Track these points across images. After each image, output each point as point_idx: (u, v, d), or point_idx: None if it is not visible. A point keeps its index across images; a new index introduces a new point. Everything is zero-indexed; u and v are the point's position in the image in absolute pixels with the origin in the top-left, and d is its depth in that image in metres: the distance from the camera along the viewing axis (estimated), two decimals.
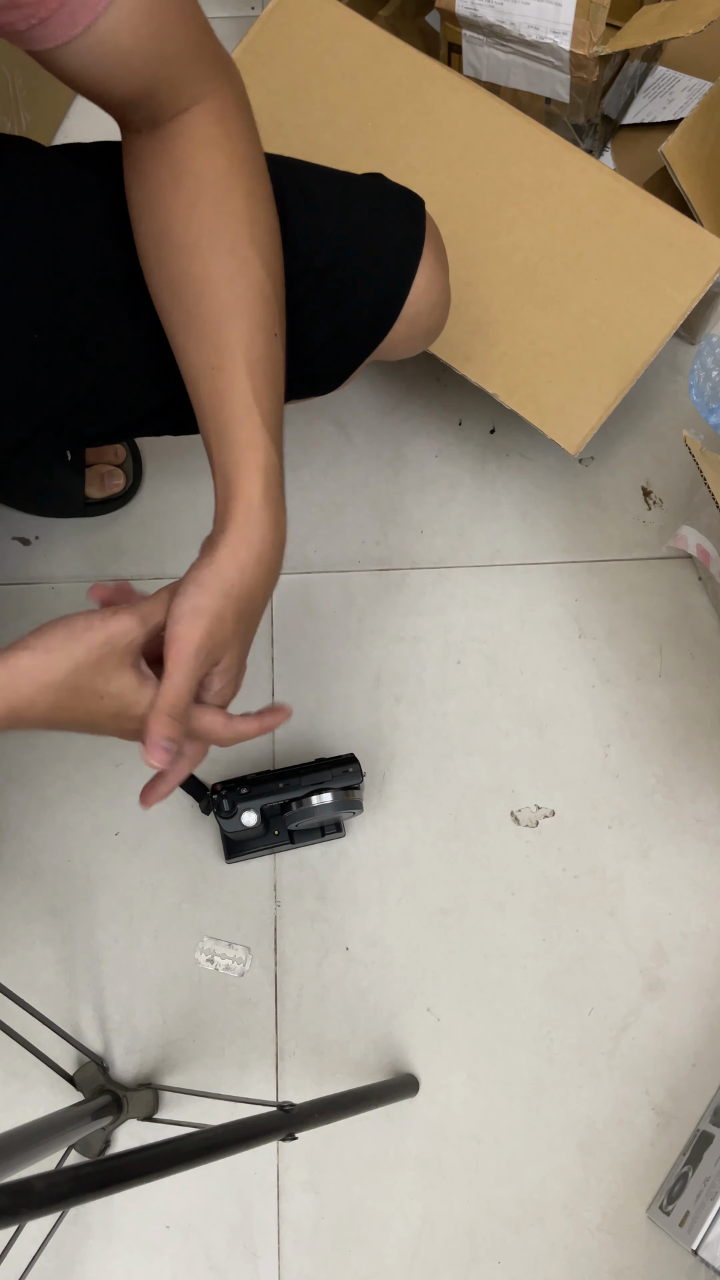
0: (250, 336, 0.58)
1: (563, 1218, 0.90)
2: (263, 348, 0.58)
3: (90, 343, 0.67)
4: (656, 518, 1.09)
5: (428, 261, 0.72)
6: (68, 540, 1.09)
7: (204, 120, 0.58)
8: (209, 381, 0.58)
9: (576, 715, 1.02)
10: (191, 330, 0.59)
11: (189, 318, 0.59)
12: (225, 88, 0.59)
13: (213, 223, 0.58)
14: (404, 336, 0.76)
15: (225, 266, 0.58)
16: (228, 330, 0.58)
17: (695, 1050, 0.93)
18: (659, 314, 0.91)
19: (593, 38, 0.94)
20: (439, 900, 0.97)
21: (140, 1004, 0.95)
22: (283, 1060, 0.94)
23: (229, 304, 0.58)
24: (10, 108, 1.13)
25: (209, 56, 0.58)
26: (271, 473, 0.58)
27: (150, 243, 0.60)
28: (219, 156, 0.58)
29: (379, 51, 0.97)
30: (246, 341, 0.58)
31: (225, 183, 0.58)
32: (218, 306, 0.58)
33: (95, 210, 0.65)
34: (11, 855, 0.99)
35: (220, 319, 0.58)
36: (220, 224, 0.58)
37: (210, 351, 0.58)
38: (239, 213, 0.58)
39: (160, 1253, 0.90)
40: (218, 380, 0.58)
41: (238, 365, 0.57)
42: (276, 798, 0.92)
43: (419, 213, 0.73)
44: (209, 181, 0.58)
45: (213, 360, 0.58)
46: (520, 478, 1.10)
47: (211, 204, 0.58)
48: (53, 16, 0.49)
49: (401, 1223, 0.90)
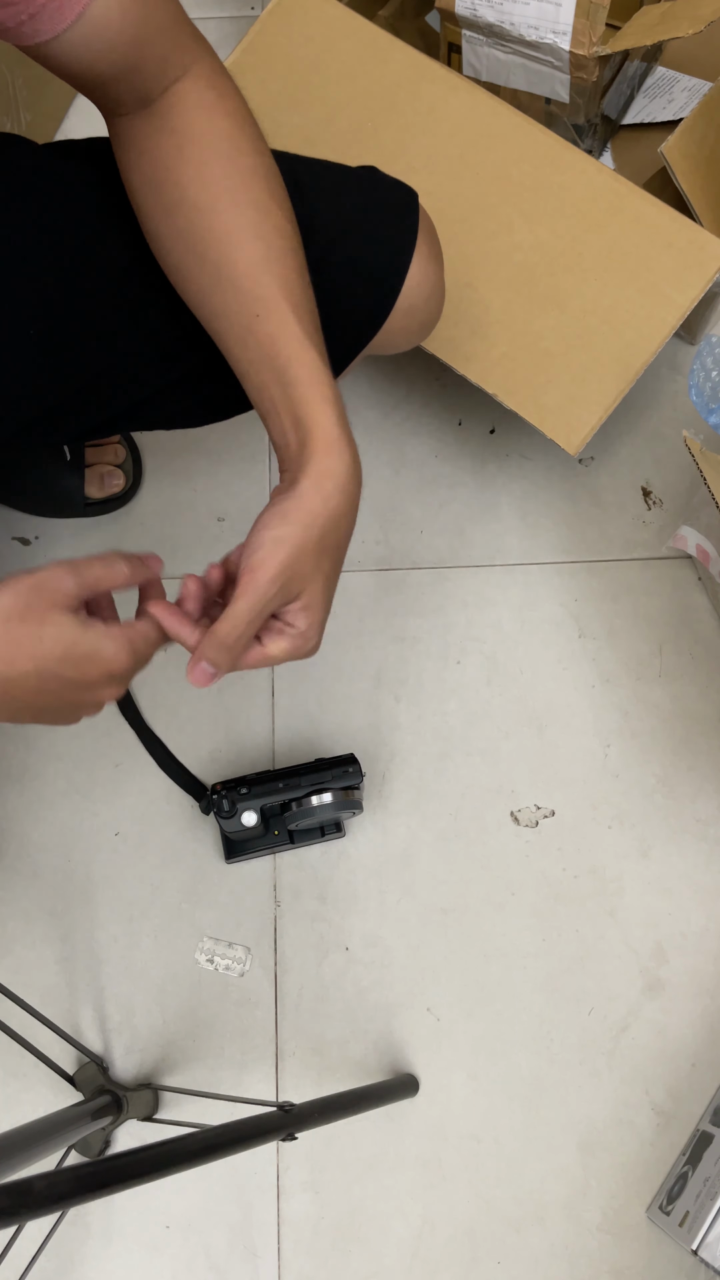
0: (288, 281, 0.57)
1: (563, 1218, 0.90)
2: (301, 291, 0.58)
3: (86, 337, 0.68)
4: (656, 518, 1.09)
5: (422, 254, 0.72)
6: (68, 540, 1.09)
7: (196, 87, 0.59)
8: (257, 330, 0.57)
9: (576, 715, 1.02)
10: (225, 287, 0.58)
11: (219, 276, 0.58)
12: (207, 55, 0.60)
13: (228, 180, 0.58)
14: (399, 329, 0.75)
15: (250, 219, 0.57)
16: (265, 278, 0.57)
17: (695, 1050, 0.93)
18: (659, 314, 0.91)
19: (593, 38, 0.94)
20: (439, 900, 0.97)
21: (140, 1004, 0.95)
22: (283, 1060, 0.94)
23: (260, 253, 0.57)
24: (10, 108, 1.13)
25: (187, 27, 0.58)
26: (340, 405, 0.57)
27: (163, 215, 0.60)
28: (220, 117, 0.59)
29: (379, 51, 0.97)
30: (287, 286, 0.57)
31: (232, 141, 0.58)
32: (249, 257, 0.57)
33: (90, 205, 0.66)
34: (11, 855, 0.99)
35: (254, 269, 0.57)
36: (236, 180, 0.58)
37: (252, 301, 0.57)
38: (254, 167, 0.58)
39: (160, 1253, 0.90)
40: (267, 325, 0.57)
41: (284, 309, 0.57)
42: (276, 798, 0.92)
43: (412, 205, 0.73)
44: (216, 141, 0.58)
45: (256, 309, 0.57)
46: (520, 478, 1.10)
47: (224, 162, 0.58)
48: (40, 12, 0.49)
49: (401, 1223, 0.90)
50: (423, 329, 0.79)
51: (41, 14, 0.49)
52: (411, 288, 0.73)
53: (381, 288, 0.72)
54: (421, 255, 0.72)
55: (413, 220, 0.73)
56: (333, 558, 0.57)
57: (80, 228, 0.66)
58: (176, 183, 0.58)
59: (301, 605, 0.56)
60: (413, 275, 0.72)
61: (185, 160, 0.58)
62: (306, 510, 0.54)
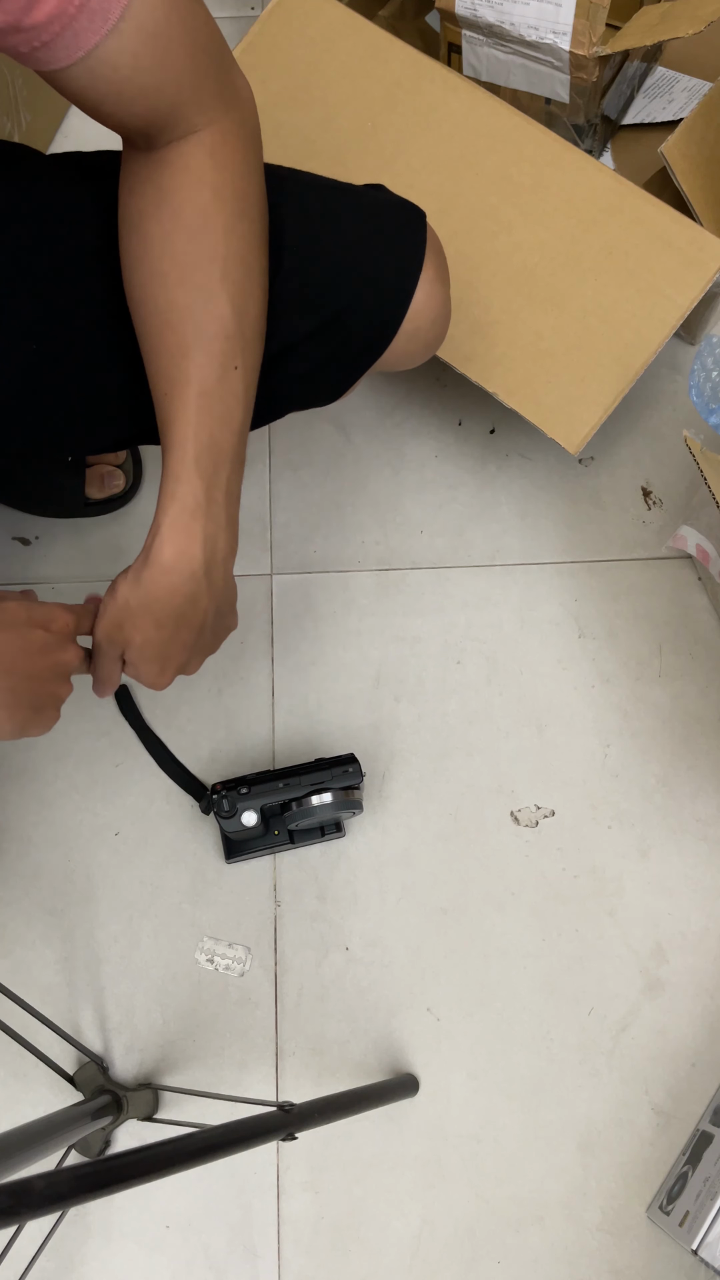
0: (204, 370, 0.59)
1: (562, 1217, 0.90)
2: (216, 381, 0.60)
3: (91, 356, 0.67)
4: (656, 518, 1.09)
5: (428, 275, 0.72)
6: (68, 540, 1.09)
7: (196, 151, 0.58)
8: (161, 409, 0.61)
9: (576, 715, 1.02)
10: (154, 358, 0.61)
11: (153, 346, 0.61)
12: (227, 119, 0.59)
13: (185, 256, 0.59)
14: (403, 350, 0.75)
15: (190, 300, 0.59)
16: (184, 363, 0.60)
17: (695, 1050, 0.93)
18: (659, 314, 0.91)
19: (592, 38, 0.94)
20: (439, 900, 0.97)
21: (140, 1004, 0.95)
22: (282, 1060, 0.94)
23: (189, 337, 0.59)
24: (10, 108, 1.13)
25: (214, 87, 0.58)
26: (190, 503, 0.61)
27: (129, 263, 0.61)
28: (204, 191, 0.59)
29: (379, 51, 0.97)
30: (199, 375, 0.59)
31: (204, 217, 0.59)
32: (177, 339, 0.59)
33: (91, 224, 0.65)
34: (11, 855, 0.99)
35: (179, 351, 0.60)
36: (192, 258, 0.59)
37: (165, 381, 0.60)
38: (214, 248, 0.59)
39: (160, 1253, 0.90)
40: (166, 410, 0.61)
41: (186, 399, 0.60)
42: (276, 798, 0.92)
43: (419, 225, 0.73)
44: (188, 215, 0.59)
45: (165, 389, 0.60)
46: (520, 478, 1.10)
47: (186, 237, 0.59)
48: (55, 40, 0.49)
49: (401, 1223, 0.90)
50: (427, 349, 0.78)
51: (54, 43, 0.49)
52: (418, 309, 0.72)
53: (388, 310, 0.72)
54: (428, 277, 0.72)
55: (420, 241, 0.72)
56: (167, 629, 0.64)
57: (80, 246, 0.65)
58: (145, 238, 0.60)
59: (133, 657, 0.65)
60: (419, 296, 0.72)
61: (158, 220, 0.59)
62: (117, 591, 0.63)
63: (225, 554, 0.64)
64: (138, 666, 0.66)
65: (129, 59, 0.52)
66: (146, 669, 0.66)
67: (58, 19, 0.48)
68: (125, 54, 0.51)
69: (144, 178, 0.60)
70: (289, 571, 1.07)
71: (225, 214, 0.59)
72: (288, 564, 1.08)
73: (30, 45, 0.49)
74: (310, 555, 1.08)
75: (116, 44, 0.51)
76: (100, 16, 0.49)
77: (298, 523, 1.09)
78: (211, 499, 0.61)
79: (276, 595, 1.07)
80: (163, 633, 0.64)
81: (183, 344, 0.59)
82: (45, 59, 0.50)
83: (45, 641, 0.60)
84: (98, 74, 0.52)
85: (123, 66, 0.52)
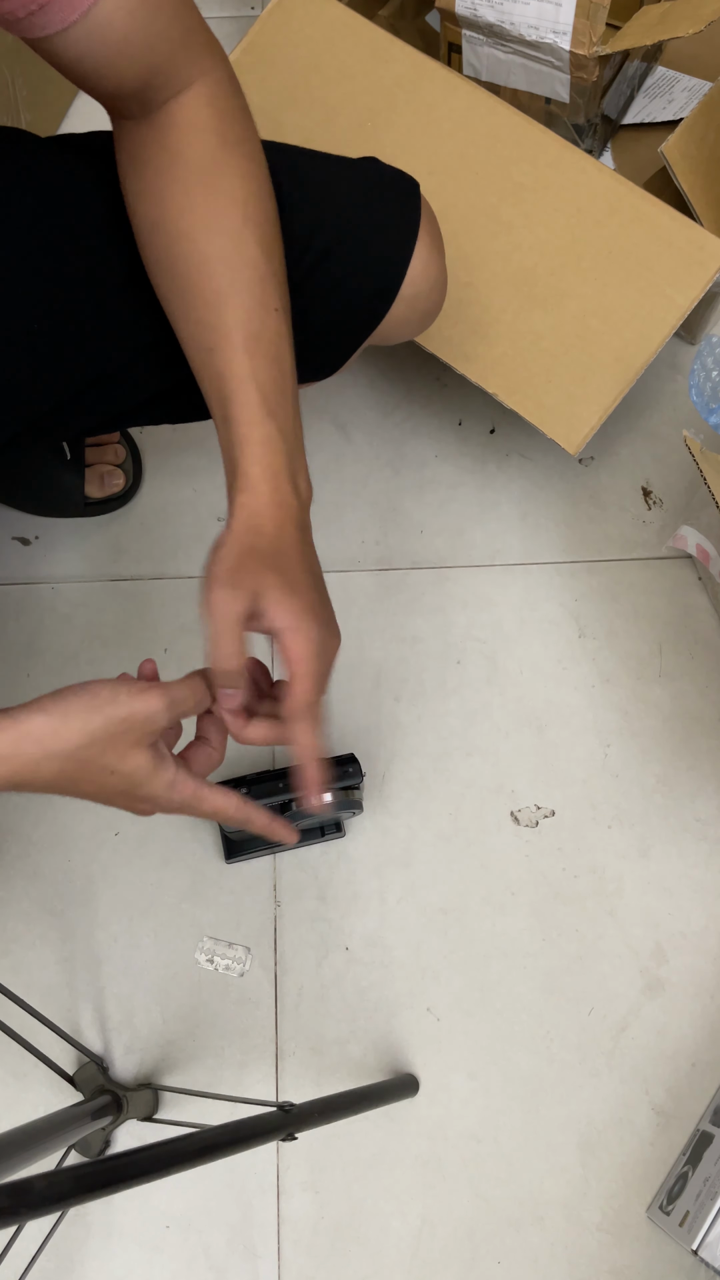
0: (247, 314, 0.58)
1: (562, 1217, 0.90)
2: (260, 323, 0.58)
3: (88, 335, 0.67)
4: (656, 518, 1.09)
5: (424, 242, 0.73)
6: (68, 540, 1.09)
7: (196, 104, 0.58)
8: (210, 364, 0.58)
9: (576, 715, 1.02)
10: (191, 315, 0.59)
11: (187, 303, 0.59)
12: (217, 69, 0.59)
13: (206, 206, 0.58)
14: (401, 319, 0.76)
15: (220, 248, 0.58)
16: (225, 311, 0.58)
17: (695, 1050, 0.93)
18: (659, 314, 0.91)
19: (593, 38, 0.94)
20: (439, 900, 0.97)
21: (140, 1004, 0.95)
22: (282, 1060, 0.94)
23: (225, 285, 0.58)
24: (10, 108, 1.13)
25: (200, 38, 0.58)
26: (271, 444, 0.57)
27: (148, 229, 0.60)
28: (211, 139, 0.58)
29: (379, 51, 0.97)
30: (244, 319, 0.58)
31: (218, 165, 0.58)
32: (214, 288, 0.58)
33: (93, 202, 0.66)
34: (11, 855, 0.99)
35: (217, 300, 0.58)
36: (214, 207, 0.58)
37: (208, 333, 0.58)
38: (233, 193, 0.58)
39: (160, 1252, 0.90)
40: (216, 361, 0.58)
41: (235, 344, 0.57)
42: (276, 798, 0.92)
43: (414, 194, 0.73)
44: (202, 166, 0.58)
45: (210, 341, 0.58)
46: (520, 478, 1.10)
47: (204, 188, 0.58)
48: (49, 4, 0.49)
49: (401, 1223, 0.90)
50: (424, 319, 0.79)
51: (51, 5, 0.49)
52: (414, 277, 0.73)
53: (385, 277, 0.72)
54: (424, 245, 0.73)
55: (415, 209, 0.73)
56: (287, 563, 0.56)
57: (82, 224, 0.66)
58: (162, 199, 0.59)
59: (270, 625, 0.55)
60: (415, 264, 0.72)
61: (173, 179, 0.58)
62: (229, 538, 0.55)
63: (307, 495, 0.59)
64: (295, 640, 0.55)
65: (124, 15, 0.51)
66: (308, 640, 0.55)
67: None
68: (121, 10, 0.51)
69: (147, 143, 0.59)
70: None
71: (237, 158, 0.59)
72: None
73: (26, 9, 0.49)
74: None
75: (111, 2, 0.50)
76: None
77: None
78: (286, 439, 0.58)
79: None
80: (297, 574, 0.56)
81: (219, 293, 0.58)
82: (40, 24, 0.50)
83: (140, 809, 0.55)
84: (95, 34, 0.51)
85: (118, 23, 0.52)
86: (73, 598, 1.07)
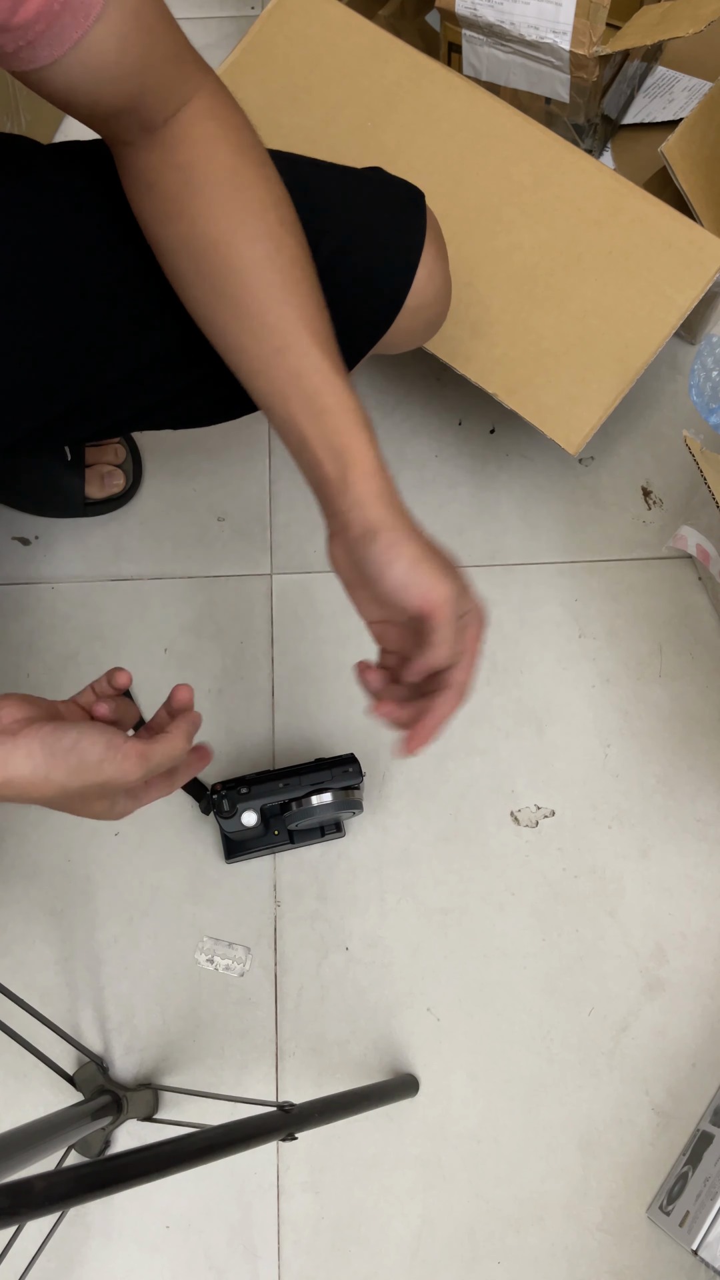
0: (306, 311, 0.58)
1: (563, 1218, 0.89)
2: (320, 319, 0.58)
3: (91, 344, 0.67)
4: (656, 518, 1.09)
5: (429, 253, 0.73)
6: (68, 540, 1.09)
7: (200, 118, 0.58)
8: (281, 364, 0.57)
9: (576, 715, 1.02)
10: (245, 321, 0.58)
11: (238, 311, 0.58)
12: (209, 82, 0.59)
13: (238, 214, 0.58)
14: (406, 329, 0.76)
15: (263, 251, 0.58)
16: (284, 310, 0.57)
17: (695, 1050, 0.93)
18: (659, 314, 0.91)
19: (593, 38, 0.94)
20: (439, 900, 0.97)
21: (140, 1004, 0.95)
22: (283, 1060, 0.94)
23: (278, 285, 0.57)
24: (10, 108, 1.13)
25: (189, 54, 0.58)
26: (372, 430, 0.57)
27: (175, 248, 0.60)
28: (224, 149, 0.58)
29: (379, 51, 0.97)
30: (306, 317, 0.57)
31: (238, 174, 0.58)
32: (267, 290, 0.57)
33: (96, 211, 0.65)
34: (11, 855, 0.99)
35: (273, 302, 0.57)
36: (246, 213, 0.58)
37: (272, 335, 0.57)
38: (261, 198, 0.58)
39: (160, 1253, 0.90)
40: (290, 359, 0.57)
41: (306, 341, 0.57)
42: (276, 798, 0.92)
43: (419, 205, 0.73)
44: (222, 177, 0.58)
45: (277, 342, 0.57)
46: (520, 478, 1.10)
47: (230, 197, 0.58)
48: (39, 39, 0.48)
49: (401, 1223, 0.90)
50: (429, 327, 0.79)
51: (40, 40, 0.49)
52: (420, 287, 0.73)
53: (391, 287, 0.72)
54: (429, 255, 0.73)
55: (420, 220, 0.73)
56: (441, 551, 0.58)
57: (84, 234, 0.65)
58: (188, 216, 0.58)
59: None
60: (421, 274, 0.72)
61: (193, 194, 0.58)
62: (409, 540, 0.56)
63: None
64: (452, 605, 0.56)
65: (116, 39, 0.51)
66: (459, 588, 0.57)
67: (43, 16, 0.47)
68: (112, 37, 0.51)
69: (157, 165, 0.59)
70: (289, 571, 1.07)
71: (252, 164, 0.59)
72: (288, 564, 1.08)
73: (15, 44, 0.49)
74: (310, 555, 1.08)
75: (103, 29, 0.50)
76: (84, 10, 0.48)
77: (298, 523, 1.09)
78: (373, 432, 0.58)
79: (276, 595, 1.07)
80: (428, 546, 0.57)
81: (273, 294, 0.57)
82: (29, 58, 0.50)
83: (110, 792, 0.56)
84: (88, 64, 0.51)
85: (110, 50, 0.51)
86: (73, 598, 1.07)
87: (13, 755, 0.50)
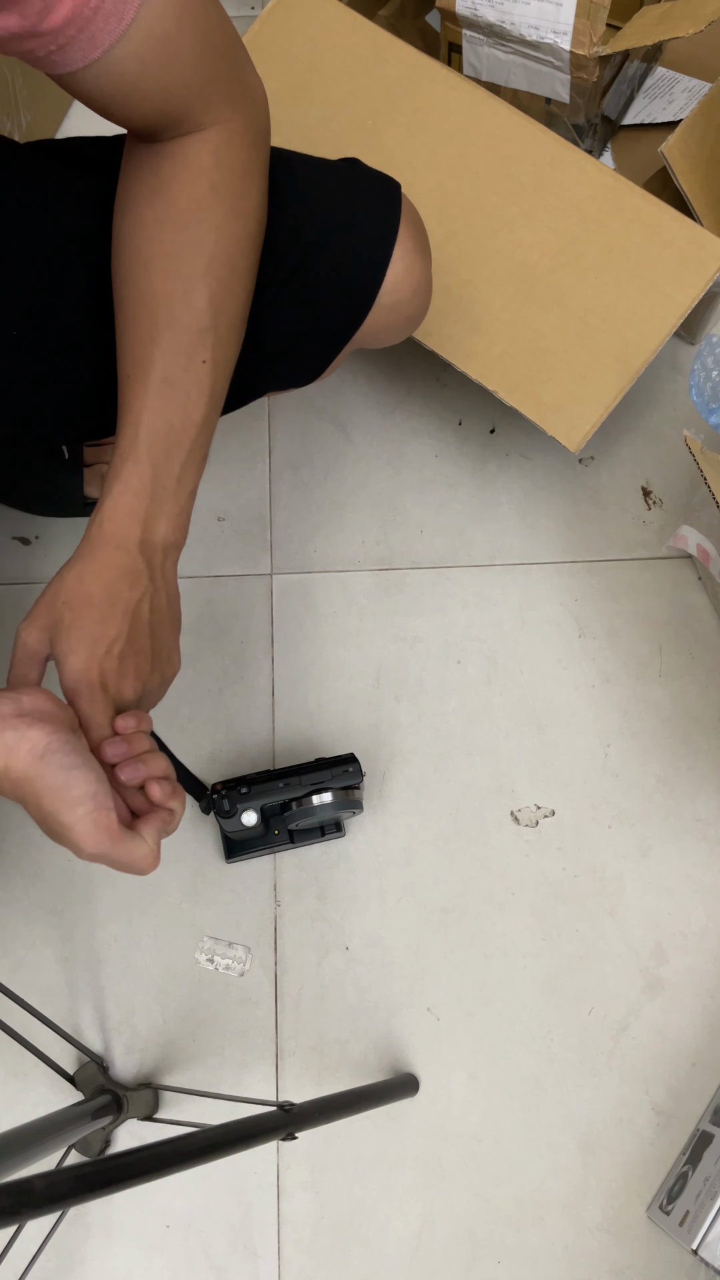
0: (170, 358, 0.59)
1: (563, 1217, 0.90)
2: (181, 371, 0.59)
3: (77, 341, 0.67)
4: (656, 518, 1.09)
5: (405, 247, 0.71)
6: (68, 540, 1.09)
7: (200, 148, 0.59)
8: (122, 391, 0.60)
9: (576, 715, 1.02)
10: (123, 339, 0.61)
11: (125, 328, 0.61)
12: (236, 120, 0.59)
13: (172, 246, 0.59)
14: (384, 324, 0.75)
15: (169, 289, 0.59)
16: (151, 348, 0.59)
17: (695, 1050, 0.93)
18: (659, 313, 0.91)
19: (593, 38, 0.94)
20: (439, 900, 0.97)
21: (140, 1004, 0.95)
22: (283, 1060, 0.94)
23: (160, 324, 0.59)
24: (10, 108, 1.13)
25: (224, 90, 0.58)
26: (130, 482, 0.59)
27: (118, 243, 0.61)
28: (201, 185, 0.59)
29: (379, 51, 0.97)
30: (164, 362, 0.59)
31: (198, 212, 0.59)
32: (149, 324, 0.59)
33: (80, 208, 0.66)
34: (11, 855, 0.99)
35: (148, 336, 0.59)
36: (179, 249, 0.59)
37: (130, 363, 0.60)
38: (201, 243, 0.59)
39: (160, 1253, 0.90)
40: (127, 391, 0.60)
41: (148, 382, 0.59)
42: (276, 797, 0.92)
43: (394, 196, 0.72)
44: (182, 206, 0.59)
45: (129, 370, 0.60)
46: (520, 478, 1.10)
47: (176, 228, 0.59)
48: (70, 44, 0.50)
49: (401, 1222, 0.90)
50: (409, 323, 0.78)
51: (70, 46, 0.50)
52: (396, 281, 0.71)
53: (363, 281, 0.71)
54: (405, 248, 0.71)
55: (394, 211, 0.71)
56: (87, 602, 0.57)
57: (70, 234, 0.66)
58: (137, 221, 0.60)
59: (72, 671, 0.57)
60: (396, 268, 0.71)
61: (152, 207, 0.59)
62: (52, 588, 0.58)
63: (166, 541, 0.60)
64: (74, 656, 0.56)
65: (135, 64, 0.52)
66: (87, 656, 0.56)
67: (74, 22, 0.48)
68: (132, 58, 0.52)
69: (145, 164, 0.60)
70: (289, 571, 1.07)
71: (219, 211, 0.59)
72: (288, 564, 1.08)
73: (46, 49, 0.50)
74: (310, 555, 1.08)
75: (124, 49, 0.51)
76: (115, 19, 0.49)
77: (298, 523, 1.09)
78: (159, 484, 0.59)
79: (276, 595, 1.07)
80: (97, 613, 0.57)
81: (154, 330, 0.59)
82: (60, 62, 0.51)
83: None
84: (106, 77, 0.52)
85: (129, 71, 0.53)
86: None
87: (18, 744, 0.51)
